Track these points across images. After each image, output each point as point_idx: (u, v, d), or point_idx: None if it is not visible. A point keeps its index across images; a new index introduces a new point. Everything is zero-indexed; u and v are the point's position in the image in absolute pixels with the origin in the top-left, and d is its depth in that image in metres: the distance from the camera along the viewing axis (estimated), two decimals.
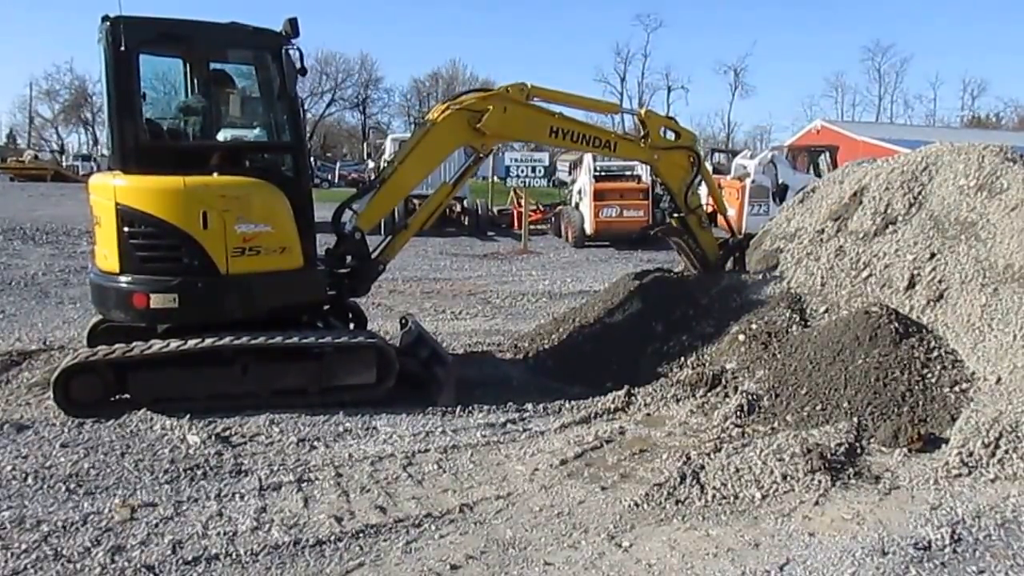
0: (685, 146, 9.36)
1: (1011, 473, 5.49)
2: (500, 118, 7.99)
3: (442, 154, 8.19)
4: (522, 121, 8.35)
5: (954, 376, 6.77)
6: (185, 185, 6.64)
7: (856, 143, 47.25)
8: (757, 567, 4.43)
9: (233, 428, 6.44)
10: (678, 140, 9.36)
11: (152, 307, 6.69)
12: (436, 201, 8.37)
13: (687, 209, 9.53)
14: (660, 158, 9.24)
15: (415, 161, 7.91)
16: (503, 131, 8.32)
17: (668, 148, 9.26)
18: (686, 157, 9.38)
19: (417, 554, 4.57)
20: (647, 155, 9.31)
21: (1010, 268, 7.29)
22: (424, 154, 7.94)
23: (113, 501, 5.12)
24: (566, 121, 8.60)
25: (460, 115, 7.96)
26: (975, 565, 4.44)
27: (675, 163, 9.35)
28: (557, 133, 8.51)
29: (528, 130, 8.70)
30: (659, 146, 9.18)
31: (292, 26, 6.97)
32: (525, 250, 20.86)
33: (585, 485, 5.58)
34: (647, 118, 9.22)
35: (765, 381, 7.08)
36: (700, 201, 9.86)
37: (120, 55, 6.59)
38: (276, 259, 6.98)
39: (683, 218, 9.61)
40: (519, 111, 8.22)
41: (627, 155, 9.59)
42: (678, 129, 9.42)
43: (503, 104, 8.05)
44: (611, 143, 9.05)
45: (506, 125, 8.15)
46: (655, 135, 9.15)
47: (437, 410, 7.04)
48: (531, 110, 8.38)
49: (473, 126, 7.95)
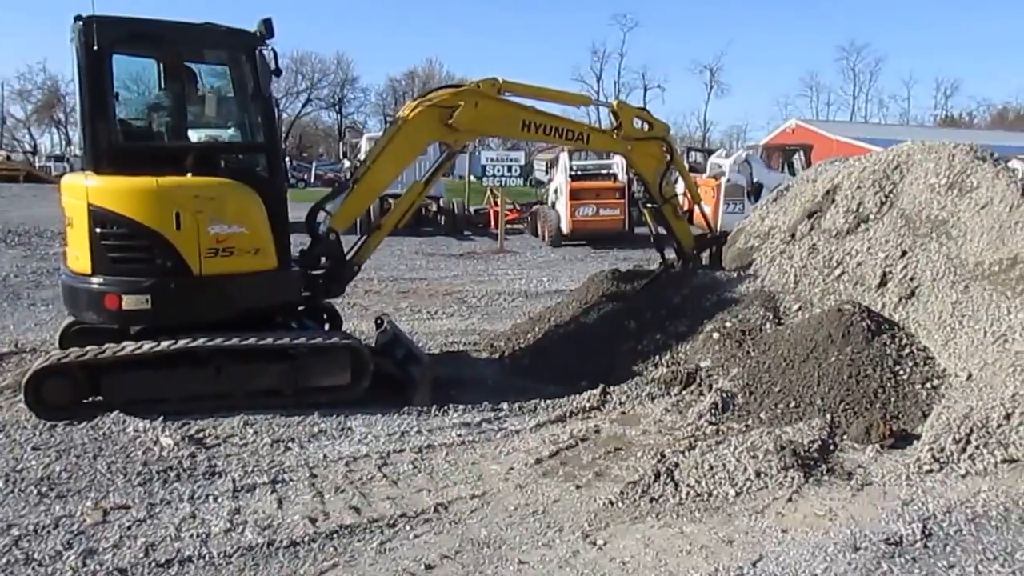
0: (658, 136, 9.38)
1: (981, 468, 5.56)
2: (472, 114, 7.98)
3: (415, 151, 8.16)
4: (494, 116, 8.35)
5: (925, 373, 6.85)
6: (158, 185, 6.59)
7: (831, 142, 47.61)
8: (731, 564, 4.45)
9: (207, 429, 6.39)
10: (651, 131, 9.36)
11: (124, 308, 6.63)
12: (409, 200, 8.33)
13: (662, 199, 9.58)
14: (633, 149, 9.28)
15: (388, 160, 7.88)
16: (475, 126, 8.31)
17: (641, 139, 9.28)
18: (659, 147, 9.42)
19: (391, 554, 4.56)
20: (620, 146, 9.34)
21: (980, 266, 7.38)
22: (396, 152, 7.92)
23: (85, 504, 5.07)
24: (538, 115, 8.60)
25: (431, 112, 7.94)
26: (945, 560, 4.48)
27: (648, 153, 9.39)
28: (529, 127, 8.50)
29: (500, 125, 8.76)
30: (632, 137, 9.19)
31: (267, 27, 6.94)
32: (501, 249, 20.86)
33: (560, 484, 5.58)
34: (620, 109, 9.22)
35: (739, 379, 7.12)
36: (675, 191, 9.89)
37: (92, 55, 6.53)
38: (250, 260, 6.94)
39: (658, 208, 9.66)
40: (491, 106, 8.20)
41: (600, 147, 9.64)
42: (650, 119, 9.45)
43: (474, 99, 8.03)
44: (584, 135, 9.09)
45: (478, 120, 8.14)
46: (628, 126, 9.17)
47: (412, 410, 7.03)
48: (503, 105, 8.37)
49: (445, 122, 7.94)
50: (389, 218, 8.31)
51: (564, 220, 21.70)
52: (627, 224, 22.04)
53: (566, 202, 21.58)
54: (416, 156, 8.30)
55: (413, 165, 8.69)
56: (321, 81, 79.16)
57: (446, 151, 8.58)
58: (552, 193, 23.91)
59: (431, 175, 8.60)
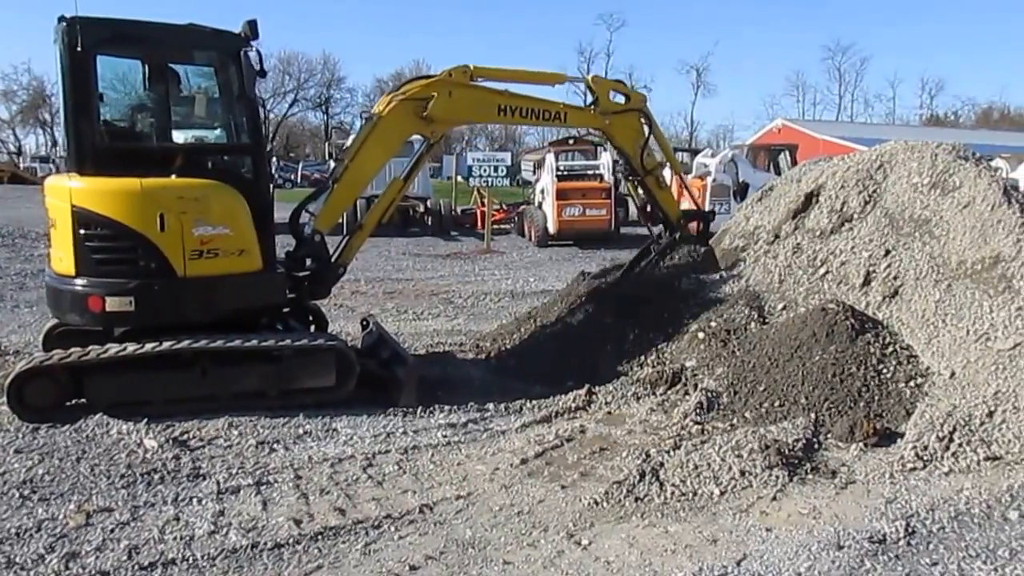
0: (635, 108, 9.29)
1: (964, 466, 5.59)
2: (446, 103, 7.94)
3: (392, 147, 8.09)
4: (469, 103, 8.32)
5: (909, 371, 6.89)
6: (142, 187, 6.57)
7: (817, 142, 47.88)
8: (715, 563, 4.46)
9: (191, 431, 6.37)
10: (628, 103, 9.28)
11: (108, 310, 6.60)
12: (389, 197, 8.29)
13: (643, 171, 9.49)
14: (612, 123, 9.16)
15: (366, 157, 7.84)
16: (451, 116, 8.31)
17: (618, 112, 9.18)
18: (637, 119, 9.33)
19: (376, 555, 4.56)
20: (598, 121, 9.24)
21: (963, 264, 7.43)
22: (374, 149, 7.87)
23: (68, 507, 5.04)
24: (513, 98, 8.54)
25: (405, 105, 7.89)
26: (928, 557, 4.50)
27: (627, 126, 9.29)
28: (506, 111, 8.47)
29: (476, 112, 8.71)
30: (610, 111, 9.10)
31: (251, 28, 6.92)
32: (488, 250, 20.86)
33: (545, 484, 5.59)
34: (595, 83, 9.12)
35: (724, 378, 7.14)
36: (656, 162, 9.78)
37: (76, 56, 6.50)
38: (234, 261, 6.91)
39: (641, 181, 9.60)
40: (465, 94, 8.16)
41: (578, 123, 9.52)
42: (627, 92, 9.39)
43: (448, 89, 7.98)
44: (561, 113, 8.94)
45: (453, 109, 8.12)
46: (604, 100, 9.09)
47: (398, 411, 7.02)
48: (477, 91, 8.34)
49: (420, 115, 7.90)
50: (370, 217, 8.28)
51: (551, 220, 21.71)
52: (614, 224, 22.08)
53: (553, 202, 21.59)
54: (394, 151, 8.21)
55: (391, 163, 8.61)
56: (308, 81, 79.21)
57: (424, 143, 8.51)
58: (539, 193, 23.93)
59: (410, 170, 8.54)
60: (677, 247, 9.74)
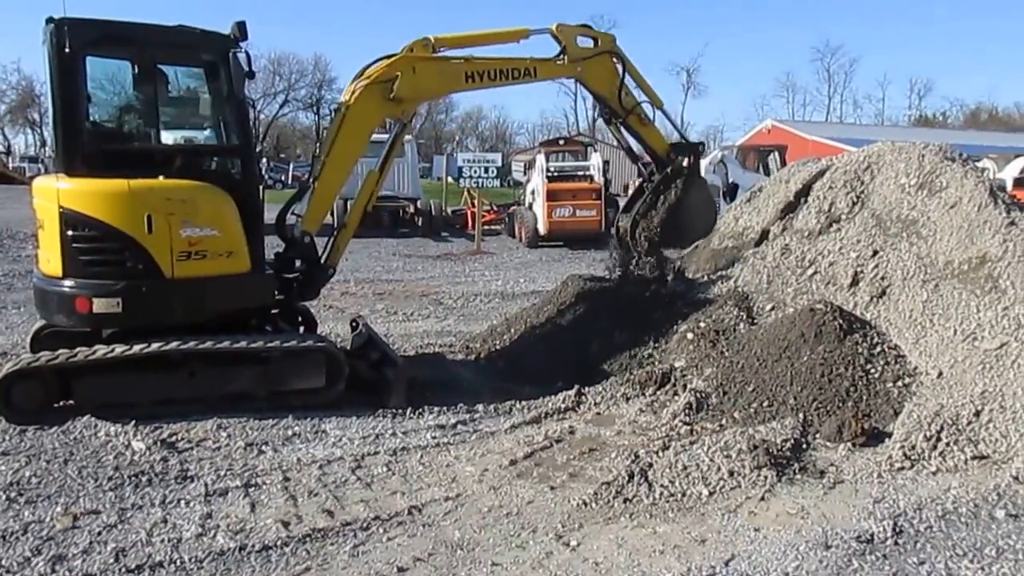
0: (606, 50, 8.97)
1: (952, 465, 5.62)
2: (411, 81, 7.76)
3: (365, 135, 7.94)
4: (435, 76, 8.14)
5: (897, 371, 6.92)
6: (130, 188, 6.55)
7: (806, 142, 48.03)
8: (703, 563, 4.47)
9: (180, 433, 6.35)
10: (597, 46, 8.98)
11: (95, 311, 6.58)
12: (368, 190, 8.11)
13: (624, 111, 9.17)
14: (584, 69, 8.88)
15: (341, 150, 7.70)
16: (419, 93, 8.12)
17: (589, 57, 8.88)
18: (609, 60, 9.01)
19: (364, 557, 4.55)
20: (570, 70, 8.91)
21: (950, 265, 7.47)
22: (348, 140, 7.72)
23: (55, 509, 5.02)
24: (479, 63, 8.32)
25: (371, 90, 7.69)
26: (916, 557, 4.52)
27: (600, 69, 8.99)
28: (473, 77, 8.24)
29: (443, 83, 8.49)
30: (580, 57, 8.81)
31: (240, 29, 6.91)
32: (478, 251, 20.86)
33: (534, 485, 5.59)
34: (560, 32, 8.78)
35: (713, 379, 7.16)
36: (636, 99, 9.30)
37: (64, 57, 6.48)
38: (222, 263, 6.90)
39: (623, 122, 9.28)
40: (429, 67, 7.98)
41: (549, 75, 9.07)
42: (594, 35, 9.08)
43: (411, 65, 7.77)
44: (530, 69, 8.64)
45: (420, 86, 7.93)
46: (572, 47, 8.78)
47: (387, 412, 7.01)
48: (441, 63, 8.14)
49: (387, 97, 7.71)
50: (352, 214, 8.17)
51: (541, 221, 21.73)
52: (604, 225, 22.08)
53: (543, 203, 21.61)
54: (368, 138, 8.04)
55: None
56: (299, 82, 78.96)
57: (396, 125, 8.31)
58: (529, 194, 23.93)
59: (385, 158, 8.30)
60: (673, 184, 9.41)
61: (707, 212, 9.90)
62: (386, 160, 8.27)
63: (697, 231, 9.93)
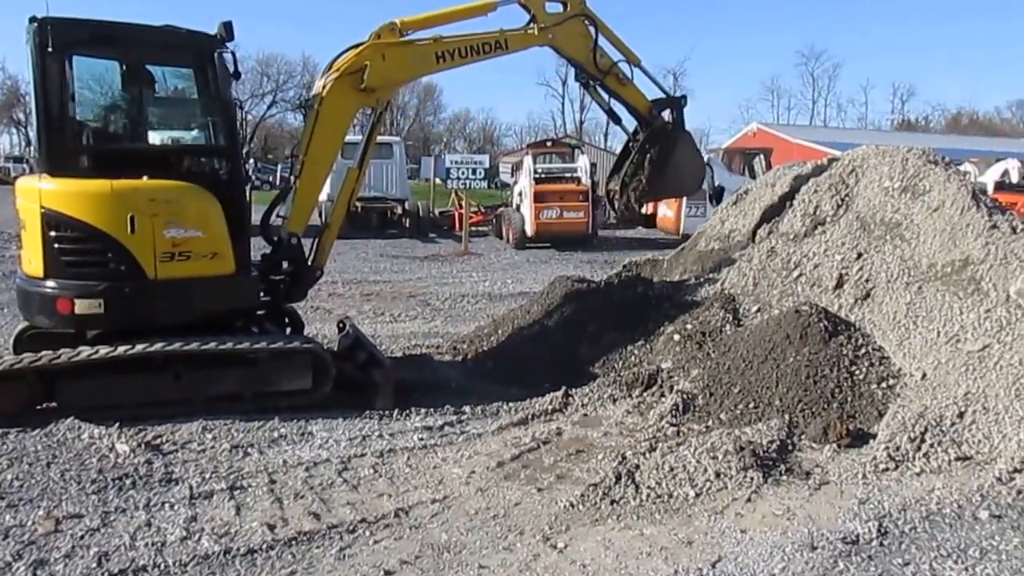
0: (575, 13, 8.75)
1: (936, 466, 5.64)
2: (381, 68, 7.64)
3: (341, 129, 7.82)
4: (405, 60, 7.96)
5: (881, 373, 6.95)
6: (112, 189, 6.50)
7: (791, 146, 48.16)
8: (690, 565, 4.48)
9: (164, 435, 6.30)
10: (567, 10, 8.76)
11: (77, 312, 6.53)
12: (349, 188, 8.06)
13: (600, 73, 8.99)
14: (555, 35, 8.69)
15: (318, 146, 7.61)
16: (390, 79, 7.96)
17: (560, 22, 8.69)
18: (580, 23, 8.80)
19: (351, 560, 4.53)
20: (541, 38, 8.64)
21: (933, 267, 7.51)
22: (324, 136, 7.63)
23: (37, 513, 4.98)
24: (448, 42, 8.14)
25: (341, 82, 7.57)
26: (901, 558, 4.54)
27: (572, 33, 8.80)
28: (443, 57, 8.09)
29: (414, 66, 8.26)
30: (550, 24, 8.63)
31: (227, 30, 6.87)
32: (466, 252, 20.85)
33: (521, 487, 5.58)
34: (527, 0, 8.61)
35: (700, 380, 7.18)
36: (612, 60, 9.06)
37: (47, 57, 6.43)
38: (206, 264, 6.85)
39: (600, 84, 9.13)
40: (398, 52, 7.82)
41: (520, 45, 8.69)
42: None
43: (379, 52, 7.65)
44: (501, 41, 8.44)
45: (390, 73, 7.80)
46: (541, 14, 8.61)
47: (374, 414, 6.99)
48: (410, 46, 7.97)
49: (359, 87, 7.59)
50: (335, 213, 8.10)
51: (528, 222, 21.75)
52: (591, 226, 22.17)
53: (530, 204, 21.63)
54: (344, 132, 7.95)
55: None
56: (287, 83, 78.73)
57: (371, 114, 8.19)
58: (516, 196, 23.96)
59: (363, 153, 8.22)
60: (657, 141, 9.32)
61: (695, 166, 9.81)
62: (364, 155, 8.18)
63: (686, 186, 10.07)
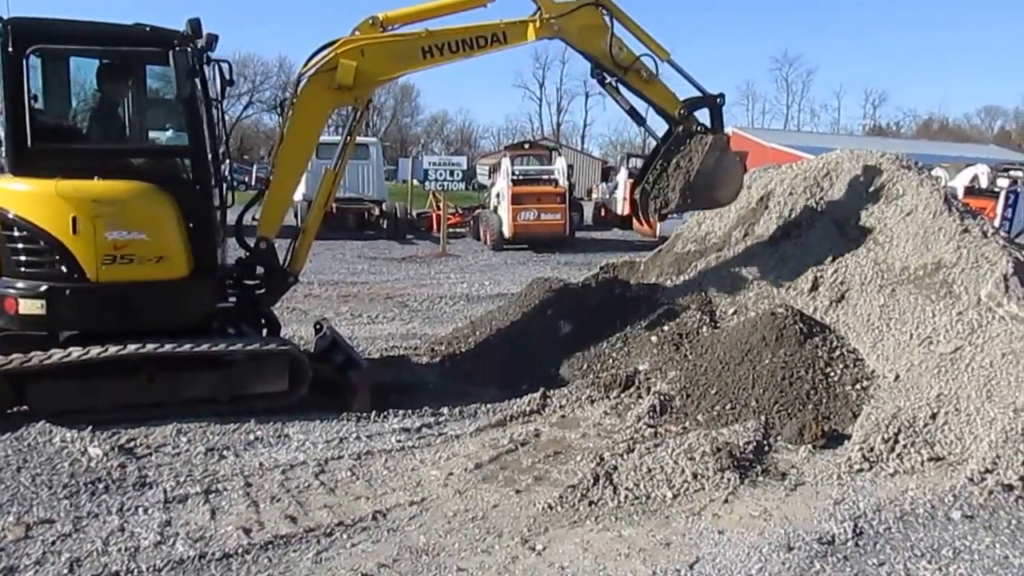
0: (588, 1, 7.84)
1: (909, 467, 5.71)
2: (361, 66, 7.20)
3: (316, 129, 7.53)
4: (387, 57, 7.43)
5: (855, 374, 7.02)
6: (56, 189, 6.39)
7: (766, 149, 48.42)
8: (668, 566, 4.50)
9: (138, 439, 6.22)
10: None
11: (21, 312, 6.45)
12: (325, 191, 7.78)
13: (620, 69, 8.04)
14: (564, 27, 7.80)
15: (292, 147, 7.38)
16: (371, 77, 7.44)
17: (569, 12, 7.81)
18: (595, 12, 7.89)
19: (327, 564, 4.50)
20: (546, 29, 7.79)
21: (906, 270, 7.60)
22: (299, 136, 7.39)
23: (7, 519, 4.89)
24: (437, 35, 7.50)
25: (318, 81, 7.25)
26: (875, 558, 4.59)
27: (586, 24, 7.90)
28: (431, 52, 7.46)
29: (398, 63, 7.59)
30: (557, 14, 7.78)
31: (194, 27, 6.74)
32: (443, 253, 20.82)
33: (499, 489, 5.58)
34: None
35: (677, 382, 7.21)
36: (633, 54, 8.05)
37: (7, 56, 6.34)
38: (151, 268, 6.67)
39: (621, 81, 8.15)
40: (379, 48, 7.37)
41: (522, 39, 7.88)
42: None
43: (358, 49, 7.23)
44: (499, 34, 7.71)
45: (370, 70, 7.32)
46: (547, 3, 7.75)
47: (351, 416, 6.94)
48: (392, 41, 7.49)
49: (334, 86, 7.21)
50: (311, 216, 7.86)
51: (506, 224, 21.75)
52: (568, 228, 22.22)
53: (508, 206, 21.63)
54: (320, 132, 7.63)
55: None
56: (263, 84, 78.49)
57: (351, 113, 7.81)
58: (494, 197, 23.96)
59: (340, 155, 7.84)
60: (685, 146, 8.22)
61: (730, 174, 8.42)
62: (342, 156, 7.84)
63: (718, 198, 8.57)
